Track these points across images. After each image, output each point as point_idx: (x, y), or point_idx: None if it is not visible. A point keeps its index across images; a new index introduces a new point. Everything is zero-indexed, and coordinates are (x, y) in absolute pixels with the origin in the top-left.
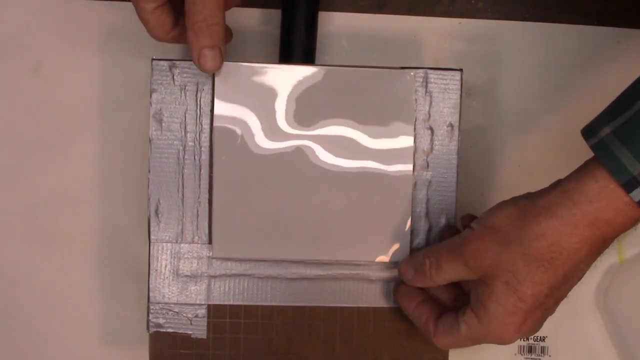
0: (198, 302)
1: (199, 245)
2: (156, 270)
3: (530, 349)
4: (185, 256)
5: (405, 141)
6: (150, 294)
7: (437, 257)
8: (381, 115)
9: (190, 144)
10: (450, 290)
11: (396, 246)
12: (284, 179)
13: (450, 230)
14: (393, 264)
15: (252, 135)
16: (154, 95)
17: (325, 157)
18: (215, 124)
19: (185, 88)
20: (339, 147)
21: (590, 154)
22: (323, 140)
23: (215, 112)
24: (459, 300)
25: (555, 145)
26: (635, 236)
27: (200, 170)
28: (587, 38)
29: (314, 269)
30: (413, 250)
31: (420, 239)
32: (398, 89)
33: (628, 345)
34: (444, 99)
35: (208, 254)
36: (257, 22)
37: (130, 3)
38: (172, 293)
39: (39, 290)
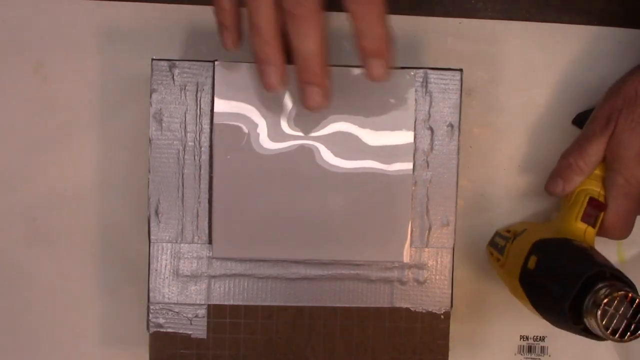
0: (198, 302)
1: (199, 245)
2: (156, 270)
3: (530, 349)
4: (185, 256)
5: (406, 141)
6: (150, 294)
7: (579, 149)
8: (381, 115)
9: (190, 144)
10: None
11: (396, 246)
12: (284, 178)
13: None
14: (393, 263)
15: (252, 135)
16: (154, 95)
17: (325, 156)
18: (215, 123)
19: (185, 88)
20: (338, 147)
21: None
22: (323, 140)
23: (216, 111)
24: None
25: (555, 146)
26: (635, 236)
27: (200, 170)
28: (587, 38)
29: (314, 269)
30: (413, 250)
31: (420, 239)
32: (398, 89)
33: (628, 345)
34: (444, 99)
35: (208, 254)
36: None
37: (130, 3)
38: (172, 293)
39: (39, 290)
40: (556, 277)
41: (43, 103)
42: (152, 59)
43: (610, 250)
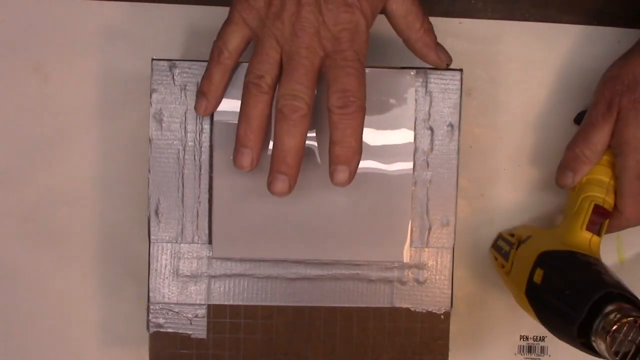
0: (198, 302)
1: (199, 245)
2: (156, 270)
3: (530, 349)
4: (185, 256)
5: (406, 141)
6: (150, 294)
7: (584, 138)
8: (381, 114)
9: (190, 144)
10: None
11: (396, 246)
12: None
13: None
14: (393, 263)
15: None
16: (154, 95)
17: (325, 156)
18: (215, 123)
19: (185, 88)
20: None
21: None
22: (323, 140)
23: (216, 111)
24: None
25: (555, 145)
26: (635, 236)
27: (200, 170)
28: (586, 38)
29: (314, 269)
30: (413, 250)
31: (420, 239)
32: (398, 89)
33: None
34: (444, 99)
35: (208, 254)
36: None
37: (130, 3)
38: (172, 293)
39: (39, 290)
40: (564, 296)
41: (43, 103)
42: (152, 59)
43: (610, 251)
